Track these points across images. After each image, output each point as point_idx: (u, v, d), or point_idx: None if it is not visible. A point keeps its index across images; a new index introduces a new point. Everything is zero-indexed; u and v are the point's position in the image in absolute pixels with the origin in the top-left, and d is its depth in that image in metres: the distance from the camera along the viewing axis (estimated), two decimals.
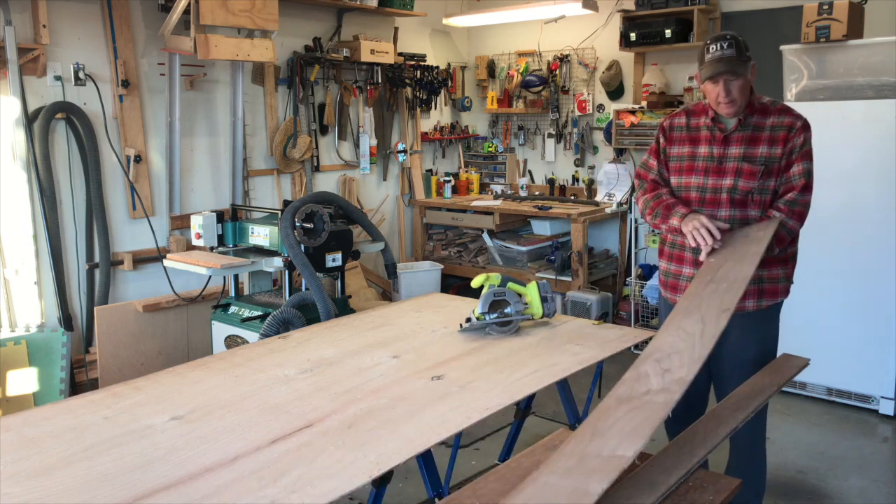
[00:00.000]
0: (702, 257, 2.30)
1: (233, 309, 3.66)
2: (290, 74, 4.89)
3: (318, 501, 1.40)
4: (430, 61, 5.84)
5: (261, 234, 3.72)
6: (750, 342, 2.47)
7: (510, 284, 2.54)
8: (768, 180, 2.37)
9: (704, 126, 2.47)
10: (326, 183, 5.26)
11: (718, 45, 2.31)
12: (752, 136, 2.39)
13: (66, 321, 3.87)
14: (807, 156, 2.37)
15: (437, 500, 1.88)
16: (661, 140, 2.58)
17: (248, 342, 3.31)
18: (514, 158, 6.16)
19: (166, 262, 3.70)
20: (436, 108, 6.00)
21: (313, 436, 1.68)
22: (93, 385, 3.85)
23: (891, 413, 3.78)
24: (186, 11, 3.87)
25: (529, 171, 6.11)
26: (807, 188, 2.36)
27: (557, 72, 5.72)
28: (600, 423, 1.66)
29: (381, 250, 4.01)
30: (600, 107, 5.63)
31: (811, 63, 3.99)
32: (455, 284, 5.77)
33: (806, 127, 2.38)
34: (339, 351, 2.31)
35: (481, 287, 2.54)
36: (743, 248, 2.26)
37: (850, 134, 3.77)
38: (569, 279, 5.09)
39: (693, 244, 2.32)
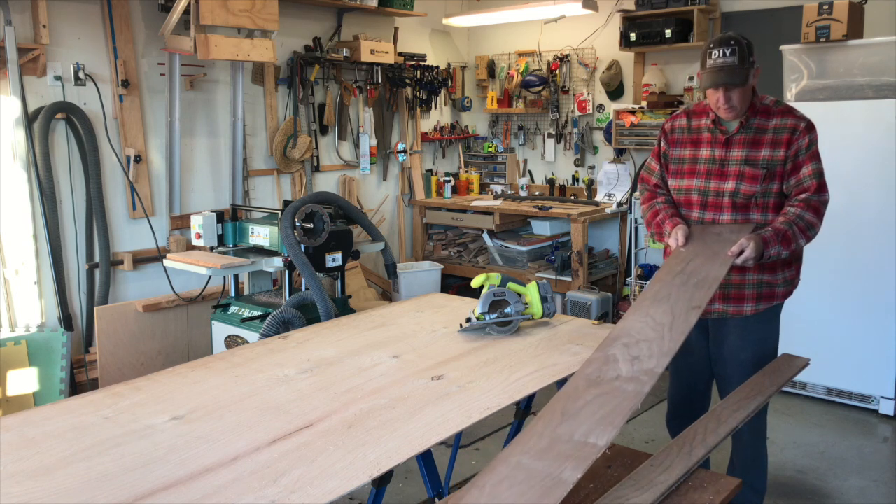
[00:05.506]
0: (671, 245, 2.36)
1: (233, 309, 3.66)
2: (290, 74, 4.89)
3: (318, 501, 1.40)
4: (430, 61, 5.84)
5: (261, 234, 3.72)
6: (749, 344, 2.47)
7: (510, 284, 2.54)
8: (771, 184, 2.34)
9: (706, 128, 2.44)
10: (326, 183, 5.26)
11: (721, 50, 2.24)
12: (755, 138, 2.35)
13: (66, 321, 3.87)
14: (815, 157, 2.32)
15: (436, 500, 1.88)
16: (663, 143, 2.57)
17: (248, 342, 3.31)
18: (514, 158, 6.16)
19: (166, 262, 3.70)
20: (436, 108, 6.00)
21: (313, 436, 1.68)
22: (93, 385, 3.85)
23: (891, 413, 3.79)
24: (186, 11, 3.87)
25: (529, 171, 6.11)
26: (821, 188, 2.32)
27: (557, 72, 5.72)
28: (570, 405, 1.66)
29: (381, 250, 4.01)
30: (600, 107, 5.63)
31: (811, 63, 3.99)
32: (455, 284, 5.77)
33: (810, 128, 2.33)
34: (339, 351, 2.30)
35: (481, 287, 2.54)
36: (715, 247, 2.25)
37: (850, 134, 3.77)
38: (569, 279, 5.09)
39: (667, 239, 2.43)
